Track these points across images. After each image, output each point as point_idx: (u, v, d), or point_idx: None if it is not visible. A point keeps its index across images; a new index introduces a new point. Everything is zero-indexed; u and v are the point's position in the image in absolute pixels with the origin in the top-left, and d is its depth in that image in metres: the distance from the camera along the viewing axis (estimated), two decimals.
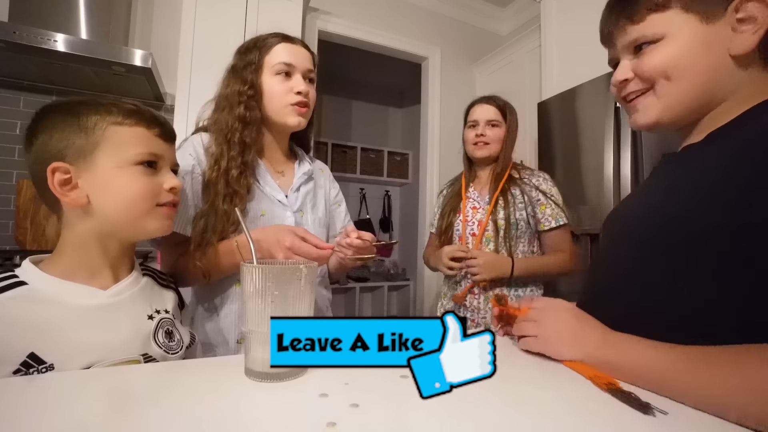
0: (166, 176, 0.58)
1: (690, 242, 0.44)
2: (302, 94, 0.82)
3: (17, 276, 0.49)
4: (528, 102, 2.44)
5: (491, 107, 1.22)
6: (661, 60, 0.49)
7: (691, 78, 0.48)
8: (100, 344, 0.50)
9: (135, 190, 0.54)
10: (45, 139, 0.52)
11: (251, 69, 0.82)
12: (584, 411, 0.38)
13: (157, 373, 0.47)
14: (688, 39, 0.47)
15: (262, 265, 0.44)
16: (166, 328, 0.58)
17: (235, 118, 0.79)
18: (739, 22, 0.45)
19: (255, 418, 0.34)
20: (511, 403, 0.39)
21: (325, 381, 0.42)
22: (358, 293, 3.51)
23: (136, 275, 0.59)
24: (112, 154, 0.53)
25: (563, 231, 1.18)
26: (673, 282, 0.45)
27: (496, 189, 1.18)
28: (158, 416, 0.33)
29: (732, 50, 0.46)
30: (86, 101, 0.54)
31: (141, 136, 0.55)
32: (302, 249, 0.65)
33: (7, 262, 1.39)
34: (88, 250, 0.54)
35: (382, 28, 2.69)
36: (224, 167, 0.76)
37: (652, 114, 0.52)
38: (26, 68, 1.69)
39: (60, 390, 0.38)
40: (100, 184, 0.52)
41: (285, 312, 0.44)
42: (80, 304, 0.51)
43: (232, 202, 0.75)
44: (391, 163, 4.02)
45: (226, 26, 1.89)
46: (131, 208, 0.54)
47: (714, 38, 0.46)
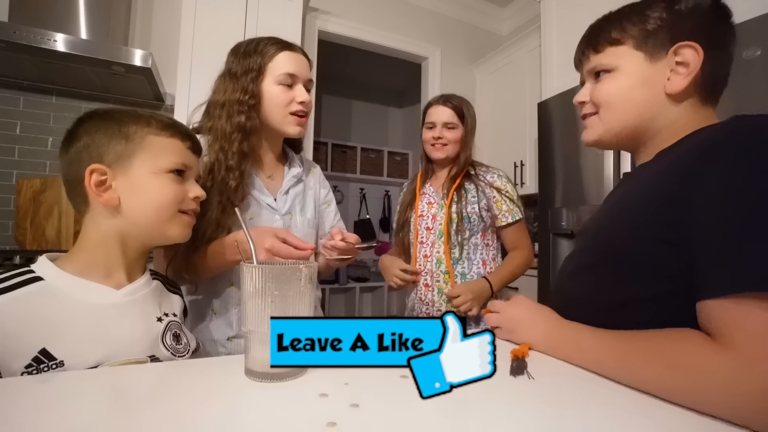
0: (192, 186, 0.62)
1: (617, 246, 0.51)
2: (304, 104, 0.83)
3: (33, 272, 0.50)
4: (528, 102, 2.44)
5: (447, 109, 1.22)
6: (608, 90, 0.57)
7: (628, 109, 0.56)
8: (110, 342, 0.51)
9: (165, 195, 0.57)
10: (87, 141, 0.55)
11: (251, 77, 0.80)
12: (585, 411, 0.38)
13: (158, 373, 0.47)
14: (632, 75, 0.55)
15: (262, 265, 0.44)
16: (174, 331, 0.60)
17: (234, 128, 0.78)
18: (677, 65, 0.52)
19: (255, 418, 0.34)
20: (512, 403, 0.39)
21: (325, 381, 0.42)
22: (358, 293, 3.51)
23: (148, 278, 0.61)
24: (147, 161, 0.56)
25: (520, 226, 1.21)
26: (600, 285, 0.53)
27: (452, 184, 1.21)
28: (158, 416, 0.33)
29: (667, 89, 0.53)
30: (129, 111, 0.59)
31: (175, 147, 0.59)
32: (281, 251, 0.65)
33: (7, 262, 1.39)
34: (108, 249, 0.56)
35: (382, 28, 2.69)
36: (221, 177, 0.76)
37: (595, 133, 0.60)
38: (26, 68, 1.69)
39: (60, 389, 0.38)
40: (134, 187, 0.56)
41: (285, 312, 0.44)
42: (94, 301, 0.52)
43: (224, 212, 0.75)
44: (391, 163, 4.02)
45: (226, 26, 1.89)
46: (160, 211, 0.57)
47: (654, 77, 0.54)
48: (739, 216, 0.39)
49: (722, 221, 0.39)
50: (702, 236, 0.41)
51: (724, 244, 0.39)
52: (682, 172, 0.44)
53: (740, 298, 0.37)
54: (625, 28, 0.56)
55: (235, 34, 1.89)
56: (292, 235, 0.69)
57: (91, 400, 0.37)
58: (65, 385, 0.40)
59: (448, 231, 1.17)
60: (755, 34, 1.20)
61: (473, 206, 1.18)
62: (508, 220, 1.19)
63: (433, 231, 1.21)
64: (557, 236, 1.92)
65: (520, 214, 1.20)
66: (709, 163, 0.42)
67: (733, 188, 0.40)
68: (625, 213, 0.53)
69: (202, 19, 1.86)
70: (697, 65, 0.51)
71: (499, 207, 1.19)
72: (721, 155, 0.42)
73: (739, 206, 0.39)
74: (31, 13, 1.62)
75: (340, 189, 3.85)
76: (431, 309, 1.19)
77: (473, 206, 1.18)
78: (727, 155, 0.42)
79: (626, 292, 0.49)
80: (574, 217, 1.81)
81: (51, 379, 0.41)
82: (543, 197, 2.00)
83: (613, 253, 0.52)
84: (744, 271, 0.37)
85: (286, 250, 0.66)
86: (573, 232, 1.82)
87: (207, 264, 0.75)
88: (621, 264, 0.51)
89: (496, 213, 1.19)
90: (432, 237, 1.21)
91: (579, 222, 1.78)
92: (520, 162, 2.52)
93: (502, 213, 1.19)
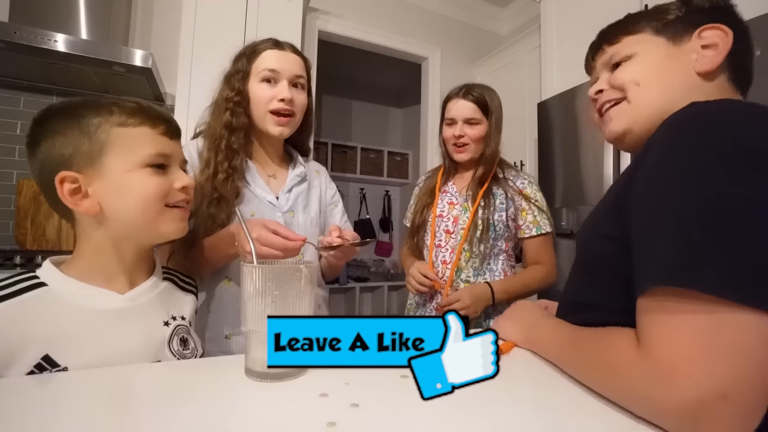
0: (176, 174, 0.56)
1: (587, 248, 0.51)
2: (285, 101, 0.82)
3: (38, 277, 0.49)
4: (528, 102, 2.44)
5: (468, 103, 1.08)
6: (633, 70, 0.53)
7: (658, 83, 0.51)
8: (114, 349, 0.50)
9: (147, 192, 0.52)
10: (48, 146, 0.50)
11: (239, 76, 0.84)
12: (585, 411, 0.38)
13: (158, 373, 0.46)
14: (657, 54, 0.52)
15: (262, 266, 0.44)
16: (181, 335, 0.58)
17: (221, 125, 0.82)
18: (702, 48, 0.49)
19: (255, 418, 0.34)
20: (514, 405, 0.39)
21: (325, 381, 0.42)
22: (358, 293, 3.51)
23: (155, 280, 0.58)
24: (119, 158, 0.51)
25: (545, 240, 1.09)
26: (578, 288, 0.53)
27: (479, 186, 1.09)
28: (158, 416, 0.33)
29: (697, 68, 0.49)
30: (86, 102, 0.52)
31: (147, 136, 0.53)
32: (269, 240, 0.64)
33: (8, 262, 1.39)
34: (103, 256, 0.53)
35: (382, 28, 2.69)
36: (211, 171, 0.79)
37: (622, 121, 0.54)
38: (26, 68, 1.69)
39: (60, 389, 0.38)
40: (112, 190, 0.51)
41: (285, 312, 0.44)
42: (96, 308, 0.50)
43: (219, 206, 0.77)
44: (391, 163, 4.02)
45: (226, 26, 1.89)
46: (145, 210, 0.52)
47: (680, 55, 0.50)
48: (659, 210, 0.36)
49: (646, 216, 0.38)
50: (634, 232, 0.39)
51: (645, 238, 0.37)
52: (632, 166, 0.43)
53: (657, 296, 0.34)
54: (641, 21, 0.54)
55: (235, 34, 1.89)
56: (282, 226, 0.68)
57: (91, 400, 0.36)
58: (65, 385, 0.40)
59: (470, 238, 1.06)
60: (755, 34, 1.19)
61: (500, 214, 1.07)
62: (532, 232, 1.08)
63: (454, 235, 1.10)
64: (557, 236, 1.92)
65: (549, 227, 1.08)
66: (645, 156, 0.41)
67: (655, 180, 0.38)
68: (594, 211, 0.53)
69: (202, 19, 1.85)
70: (727, 45, 0.48)
71: (524, 217, 1.08)
72: (655, 147, 0.40)
73: (659, 200, 0.37)
74: (32, 14, 1.62)
75: (340, 189, 3.80)
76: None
77: (500, 214, 1.07)
78: (658, 146, 0.40)
79: (597, 293, 0.48)
80: (574, 217, 1.81)
81: (51, 379, 0.41)
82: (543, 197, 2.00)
83: (583, 253, 0.52)
84: (664, 267, 0.34)
85: (273, 239, 0.64)
86: (573, 232, 1.82)
87: (206, 258, 0.76)
88: (589, 264, 0.51)
89: (520, 223, 1.09)
90: (452, 242, 1.10)
91: (579, 222, 1.78)
92: (520, 162, 2.51)
93: (527, 224, 1.08)
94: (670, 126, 0.41)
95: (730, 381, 0.30)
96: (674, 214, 0.35)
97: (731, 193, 0.33)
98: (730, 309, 0.31)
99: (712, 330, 0.31)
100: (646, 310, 0.35)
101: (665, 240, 0.35)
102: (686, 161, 0.36)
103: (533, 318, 0.57)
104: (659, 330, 0.34)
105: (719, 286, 0.31)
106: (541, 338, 0.53)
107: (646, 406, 0.34)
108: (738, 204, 0.33)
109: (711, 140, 0.36)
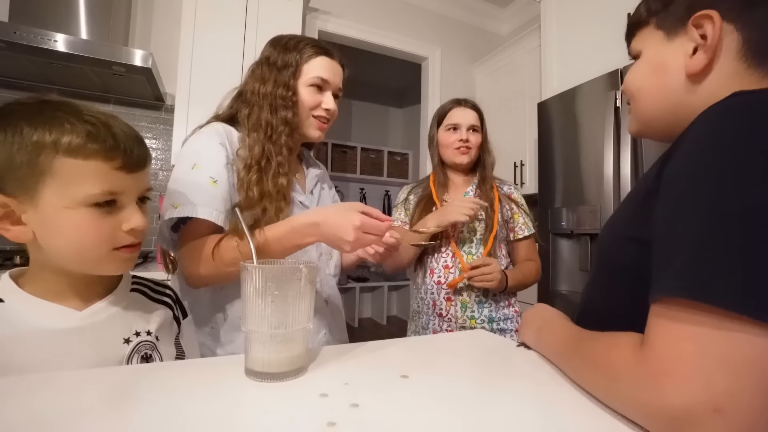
0: (128, 213, 0.49)
1: (604, 252, 0.50)
2: (329, 111, 0.84)
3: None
4: (528, 102, 2.44)
5: (472, 112, 1.19)
6: (629, 79, 0.52)
7: (646, 99, 0.50)
8: (68, 368, 0.47)
9: (86, 236, 0.46)
10: None
11: (290, 72, 0.80)
12: (587, 412, 0.38)
13: (157, 373, 0.47)
14: (649, 60, 0.49)
15: (262, 266, 0.44)
16: (143, 352, 0.53)
17: (281, 121, 0.78)
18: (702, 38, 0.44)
19: (255, 418, 0.34)
20: (515, 405, 0.39)
21: (325, 381, 0.42)
22: (358, 293, 3.51)
23: (119, 293, 0.54)
24: (57, 193, 0.44)
25: (532, 240, 1.21)
26: (595, 292, 0.52)
27: (482, 193, 1.18)
28: (158, 416, 0.33)
29: (686, 70, 0.45)
30: (34, 113, 0.44)
31: (96, 172, 0.45)
32: (372, 225, 0.61)
33: (8, 262, 1.39)
34: (53, 276, 0.49)
35: (382, 28, 2.69)
36: (273, 171, 0.75)
37: (632, 124, 0.55)
38: (26, 68, 1.69)
39: (59, 389, 0.38)
40: (47, 225, 0.45)
41: (285, 312, 0.44)
42: (52, 327, 0.47)
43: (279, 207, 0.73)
44: (391, 163, 4.02)
45: (226, 26, 1.89)
46: (83, 253, 0.47)
47: (669, 59, 0.47)
48: (681, 213, 0.34)
49: (669, 221, 0.35)
50: (656, 234, 0.37)
51: (665, 242, 0.35)
52: (660, 161, 0.40)
53: (669, 303, 0.32)
54: (649, 10, 0.50)
55: (235, 35, 1.89)
56: (370, 207, 0.65)
57: (91, 400, 0.36)
58: (64, 385, 0.40)
59: (496, 236, 1.13)
60: None
61: (500, 217, 1.17)
62: (524, 233, 1.18)
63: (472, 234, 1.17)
64: (557, 236, 1.92)
65: (533, 228, 1.20)
66: (673, 152, 0.38)
67: (684, 181, 0.35)
68: (615, 213, 0.51)
69: (202, 19, 1.85)
70: (714, 39, 0.42)
71: (516, 220, 1.18)
72: (685, 145, 0.37)
73: (681, 202, 0.34)
74: (32, 13, 1.62)
75: (340, 189, 3.85)
76: (453, 325, 1.10)
77: (500, 217, 1.17)
78: (692, 144, 0.36)
79: (619, 299, 0.46)
80: (574, 217, 1.81)
81: (50, 379, 0.41)
82: (543, 197, 2.00)
83: (603, 257, 0.50)
84: (676, 276, 0.32)
85: (376, 224, 0.62)
86: (573, 232, 1.82)
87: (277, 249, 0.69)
88: (608, 268, 0.49)
89: (513, 226, 1.18)
90: (475, 241, 1.16)
91: (579, 222, 1.78)
92: (520, 162, 2.52)
93: (519, 226, 1.18)
94: (705, 122, 0.37)
95: (727, 396, 0.27)
96: (695, 219, 0.32)
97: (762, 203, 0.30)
98: (742, 323, 0.28)
99: (716, 340, 0.29)
100: (655, 315, 0.34)
101: (683, 247, 0.32)
102: (721, 163, 0.33)
103: (543, 319, 0.57)
104: (662, 333, 0.32)
105: (736, 304, 0.29)
106: (546, 338, 0.52)
107: (632, 407, 0.33)
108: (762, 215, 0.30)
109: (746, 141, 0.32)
